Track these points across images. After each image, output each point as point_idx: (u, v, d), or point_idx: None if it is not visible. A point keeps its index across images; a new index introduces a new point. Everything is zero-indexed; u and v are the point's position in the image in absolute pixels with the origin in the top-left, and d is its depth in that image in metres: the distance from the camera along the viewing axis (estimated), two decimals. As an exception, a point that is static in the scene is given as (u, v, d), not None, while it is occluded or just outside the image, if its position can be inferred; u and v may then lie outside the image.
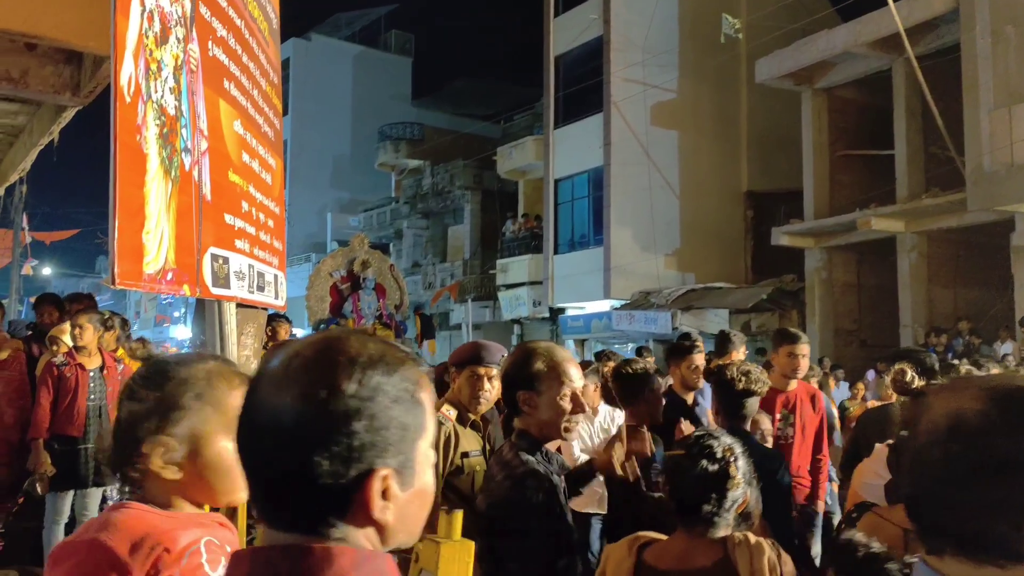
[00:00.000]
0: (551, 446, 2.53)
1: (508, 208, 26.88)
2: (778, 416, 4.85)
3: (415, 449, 1.04)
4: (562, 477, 2.48)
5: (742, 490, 2.18)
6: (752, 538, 2.10)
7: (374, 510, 1.00)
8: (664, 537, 2.22)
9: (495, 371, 3.49)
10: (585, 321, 21.81)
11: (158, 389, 1.47)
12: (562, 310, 22.78)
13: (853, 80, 17.30)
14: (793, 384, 4.98)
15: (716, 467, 2.16)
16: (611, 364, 7.82)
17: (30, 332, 6.43)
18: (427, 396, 1.08)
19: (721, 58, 20.90)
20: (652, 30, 20.79)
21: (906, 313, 15.81)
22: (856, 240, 16.88)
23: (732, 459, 2.18)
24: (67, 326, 5.67)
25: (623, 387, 4.13)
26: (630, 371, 4.14)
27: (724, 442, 2.22)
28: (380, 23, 41.99)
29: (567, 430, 2.48)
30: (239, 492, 1.46)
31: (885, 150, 16.40)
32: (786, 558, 2.10)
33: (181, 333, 36.34)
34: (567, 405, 2.45)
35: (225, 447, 1.45)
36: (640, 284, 20.47)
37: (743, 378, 3.60)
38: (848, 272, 17.96)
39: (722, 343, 5.97)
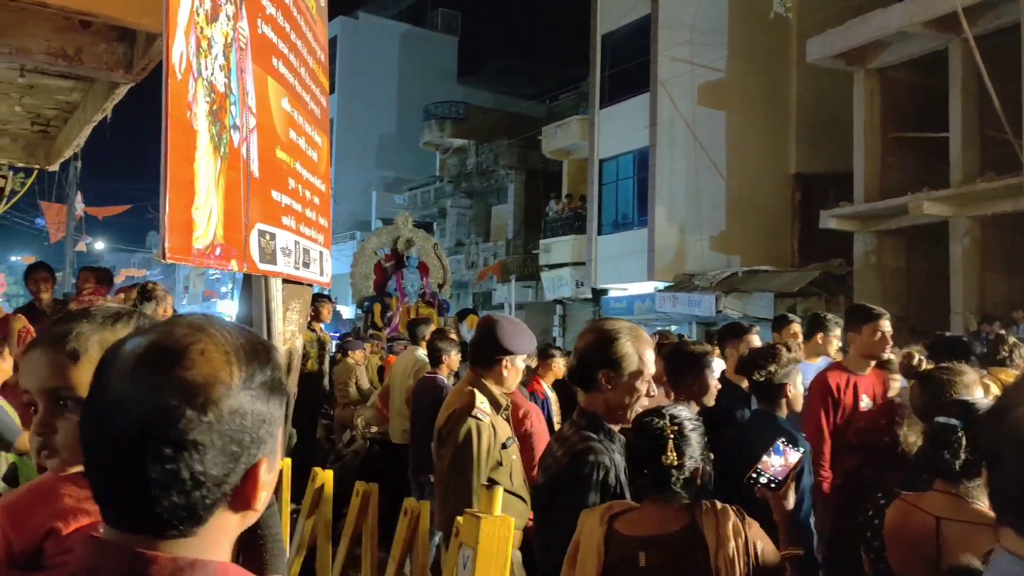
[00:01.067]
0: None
1: (552, 188, 26.80)
2: (866, 404, 4.42)
3: (279, 435, 1.01)
4: (623, 457, 2.50)
5: (691, 463, 2.19)
6: (719, 504, 2.16)
7: (257, 502, 0.97)
8: (635, 506, 2.25)
9: None
10: (628, 303, 21.73)
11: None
12: (605, 291, 22.72)
13: (907, 60, 16.89)
14: (870, 367, 4.56)
15: (649, 442, 2.21)
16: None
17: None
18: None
19: (771, 37, 20.54)
20: (700, 8, 20.51)
21: (957, 300, 15.49)
22: (907, 224, 16.55)
23: (672, 436, 2.20)
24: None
25: (672, 367, 3.99)
26: (686, 351, 4.01)
27: (672, 417, 2.24)
28: (426, 1, 41.98)
29: (632, 413, 2.52)
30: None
31: (939, 133, 16.03)
32: (751, 522, 2.15)
33: (227, 308, 36.96)
34: (643, 388, 2.51)
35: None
36: (684, 266, 20.32)
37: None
38: (898, 257, 17.63)
39: (815, 325, 5.65)
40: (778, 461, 2.40)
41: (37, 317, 5.46)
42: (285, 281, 3.60)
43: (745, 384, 4.48)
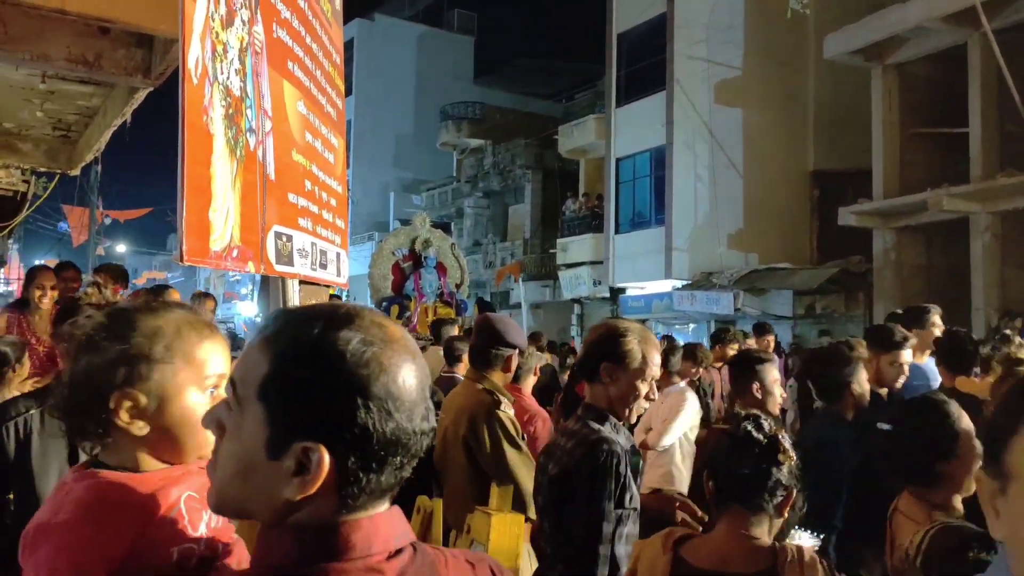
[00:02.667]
0: None
1: (569, 187, 26.77)
2: None
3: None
4: (628, 450, 2.53)
5: (787, 475, 2.00)
6: (807, 553, 1.94)
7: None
8: (699, 532, 2.13)
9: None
10: (646, 301, 21.68)
11: (123, 340, 1.36)
12: (622, 290, 22.68)
13: (926, 56, 16.76)
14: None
15: (765, 441, 2.01)
16: (734, 346, 7.68)
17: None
18: None
19: (788, 34, 20.43)
20: (716, 6, 20.43)
21: (978, 296, 15.35)
22: (926, 221, 16.42)
23: (781, 438, 2.03)
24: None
25: (738, 372, 3.84)
26: (750, 356, 3.87)
27: (769, 429, 2.06)
28: (443, 2, 42.04)
29: (631, 412, 2.58)
30: (207, 447, 1.34)
31: (958, 128, 15.89)
32: None
33: (247, 310, 37.16)
34: (643, 389, 2.55)
35: (195, 401, 1.37)
36: (702, 264, 20.26)
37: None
38: (918, 253, 17.49)
39: (917, 316, 5.48)
40: None
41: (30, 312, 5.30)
42: (302, 282, 3.62)
43: (884, 391, 4.15)
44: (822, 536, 2.33)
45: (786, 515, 2.03)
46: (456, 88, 37.08)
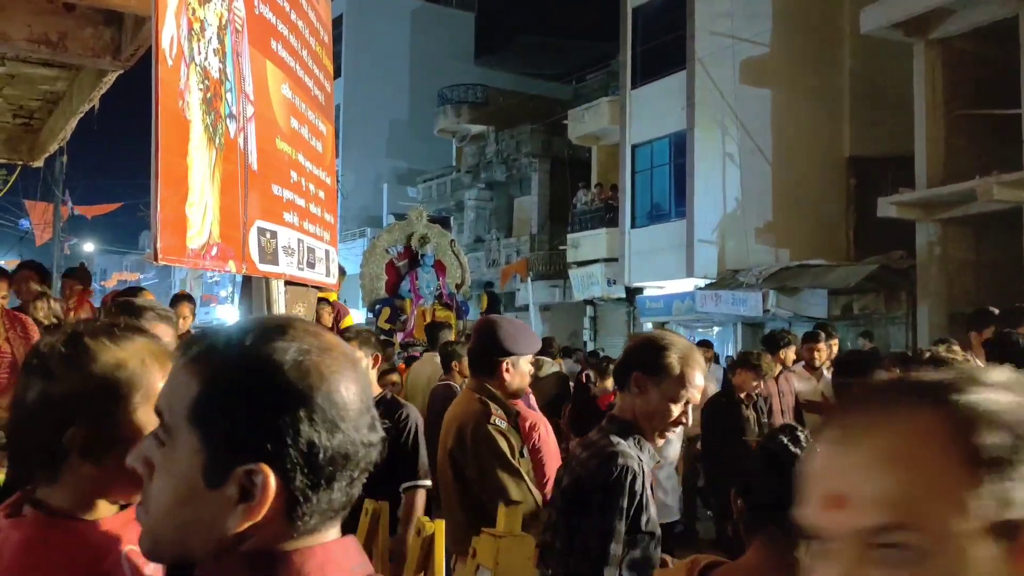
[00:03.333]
0: None
1: (580, 177, 26.76)
2: None
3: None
4: (650, 469, 2.53)
5: None
6: None
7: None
8: (725, 561, 2.07)
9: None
10: (665, 302, 21.65)
11: (81, 369, 1.34)
12: (640, 290, 22.66)
13: (972, 30, 16.70)
14: None
15: (789, 471, 1.90)
16: (830, 343, 7.36)
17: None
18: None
19: (820, 6, 20.38)
20: (742, -24, 20.43)
21: (1033, 294, 15.31)
22: (975, 211, 16.37)
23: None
24: None
25: (848, 376, 3.85)
26: (856, 358, 3.88)
27: (806, 442, 2.01)
28: (440, -26, 42.12)
29: (661, 435, 2.58)
30: None
31: (1010, 109, 15.84)
32: None
33: (226, 314, 37.22)
34: (675, 411, 2.53)
35: None
36: (727, 261, 20.22)
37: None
38: (965, 247, 17.44)
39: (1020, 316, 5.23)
40: None
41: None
42: (288, 283, 3.63)
43: None
44: None
45: None
46: (455, 69, 37.10)
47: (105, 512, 1.36)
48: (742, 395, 6.18)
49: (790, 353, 7.45)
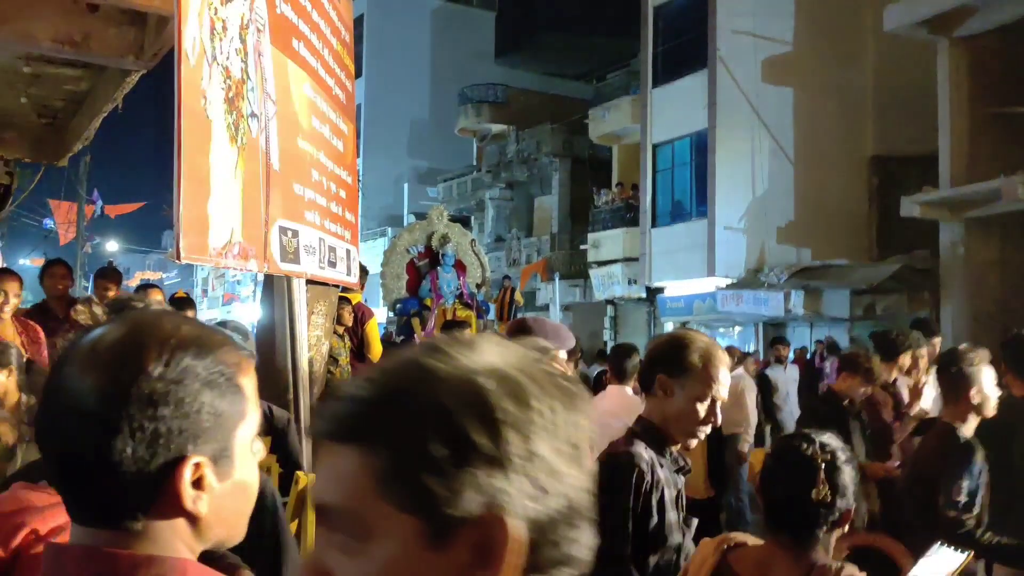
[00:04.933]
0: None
1: (600, 177, 26.72)
2: None
3: (232, 438, 1.06)
4: (675, 476, 2.51)
5: (843, 504, 2.05)
6: (848, 572, 2.00)
7: (185, 500, 1.02)
8: (756, 541, 2.19)
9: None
10: (686, 302, 21.58)
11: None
12: (660, 289, 22.60)
13: (999, 27, 16.54)
14: None
15: (803, 474, 2.07)
16: (933, 342, 6.90)
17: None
18: (248, 382, 1.09)
19: (843, 4, 20.22)
20: (764, -26, 20.32)
21: (1059, 295, 15.17)
22: (1000, 211, 16.21)
23: (824, 466, 2.06)
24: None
25: (952, 376, 3.78)
26: (963, 355, 3.80)
27: (823, 446, 2.10)
28: (461, -26, 42.14)
29: (691, 436, 2.54)
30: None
31: (1036, 107, 15.68)
32: None
33: (247, 313, 37.38)
34: (703, 411, 2.49)
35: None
36: (749, 261, 20.13)
37: None
38: (990, 248, 17.27)
39: None
40: (934, 567, 2.31)
41: (49, 319, 5.50)
42: (309, 282, 3.64)
43: None
44: (968, 553, 2.34)
45: (845, 528, 2.09)
46: (476, 68, 37.12)
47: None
48: (845, 402, 5.51)
49: (906, 359, 6.75)
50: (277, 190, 2.97)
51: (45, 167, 7.44)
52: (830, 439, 2.16)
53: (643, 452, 2.45)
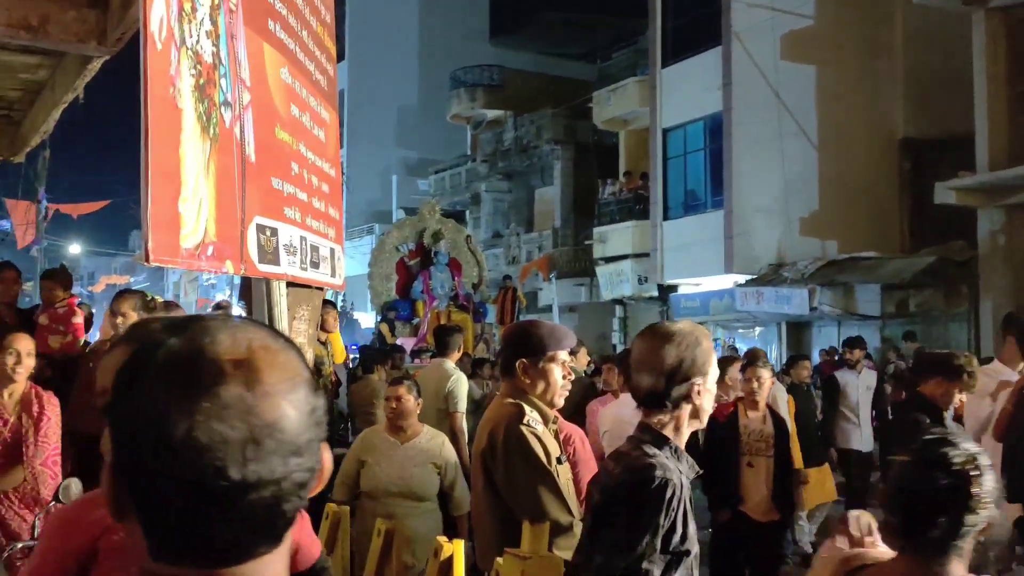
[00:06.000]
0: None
1: (606, 166, 26.73)
2: None
3: None
4: (690, 481, 2.54)
5: (985, 514, 2.05)
6: None
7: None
8: (883, 558, 2.17)
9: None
10: (702, 301, 21.59)
11: None
12: (673, 288, 22.61)
13: (1039, -5, 16.57)
14: None
15: (950, 482, 2.05)
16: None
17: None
18: None
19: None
20: (782, -58, 20.32)
21: (1108, 287, 15.18)
22: (1043, 197, 16.25)
23: (974, 473, 2.06)
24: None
25: None
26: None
27: (965, 450, 2.10)
28: (451, -54, 42.14)
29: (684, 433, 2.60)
30: None
31: (1081, 83, 15.70)
32: None
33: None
34: (707, 404, 2.60)
35: None
36: (769, 255, 20.14)
37: None
38: (1033, 237, 17.30)
39: None
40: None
41: None
42: (290, 284, 3.64)
43: None
44: None
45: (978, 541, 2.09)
46: (469, 49, 37.10)
47: None
48: (943, 410, 5.09)
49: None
50: (254, 185, 2.97)
51: (0, 163, 7.44)
52: (970, 443, 2.16)
53: (668, 462, 2.47)
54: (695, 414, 2.57)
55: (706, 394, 2.57)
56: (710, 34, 20.77)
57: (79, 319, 6.21)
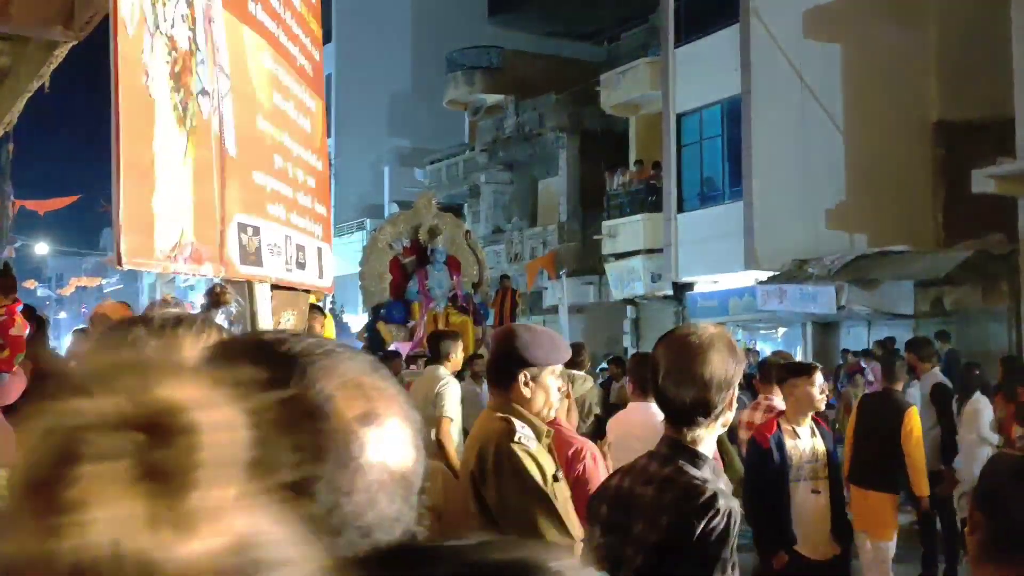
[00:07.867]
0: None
1: (616, 154, 26.72)
2: None
3: None
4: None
5: None
6: None
7: None
8: None
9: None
10: (720, 300, 21.60)
11: None
12: (690, 286, 22.61)
13: (1083, -34, 16.57)
14: None
15: None
16: None
17: None
18: None
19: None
20: (804, -89, 20.33)
21: None
22: (1090, 184, 16.24)
23: None
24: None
25: None
26: None
27: None
28: (446, -82, 42.15)
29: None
30: None
31: None
32: None
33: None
34: (728, 415, 2.59)
35: None
36: (793, 250, 20.11)
37: None
38: (1079, 228, 17.30)
39: None
40: None
41: None
42: (274, 287, 3.64)
43: None
44: None
45: None
46: (466, 29, 37.10)
47: None
48: None
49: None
50: (234, 180, 2.97)
51: (-40, 158, 7.45)
52: None
53: (722, 485, 2.45)
54: (725, 424, 2.57)
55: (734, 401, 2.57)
56: (727, 11, 20.77)
57: (18, 330, 5.72)
